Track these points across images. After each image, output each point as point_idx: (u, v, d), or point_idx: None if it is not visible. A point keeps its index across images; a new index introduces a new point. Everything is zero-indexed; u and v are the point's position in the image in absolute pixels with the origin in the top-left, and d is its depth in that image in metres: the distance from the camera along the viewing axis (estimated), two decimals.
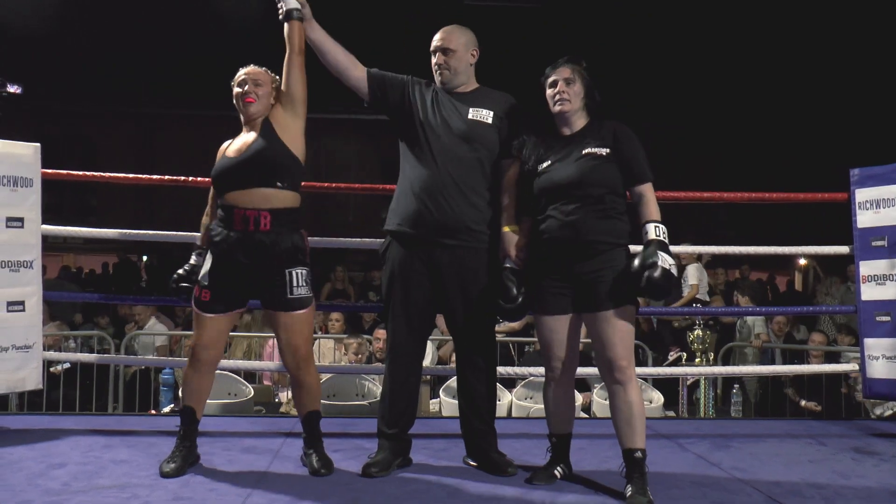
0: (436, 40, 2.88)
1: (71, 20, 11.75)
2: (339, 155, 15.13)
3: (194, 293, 2.73)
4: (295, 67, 2.73)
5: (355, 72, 2.85)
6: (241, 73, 2.77)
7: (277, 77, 2.78)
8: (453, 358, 5.75)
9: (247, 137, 2.73)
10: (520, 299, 2.65)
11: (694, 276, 7.21)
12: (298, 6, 2.74)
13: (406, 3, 10.81)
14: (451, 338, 5.05)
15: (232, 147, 2.75)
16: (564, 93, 2.63)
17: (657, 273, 2.44)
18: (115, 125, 16.07)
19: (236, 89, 2.75)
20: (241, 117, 2.77)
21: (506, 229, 2.76)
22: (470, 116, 2.81)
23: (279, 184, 2.67)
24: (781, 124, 14.91)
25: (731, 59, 13.12)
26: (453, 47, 2.85)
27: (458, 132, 2.79)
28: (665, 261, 2.47)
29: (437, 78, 2.88)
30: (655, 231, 2.55)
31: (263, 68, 2.80)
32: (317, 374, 2.86)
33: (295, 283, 2.69)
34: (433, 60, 2.88)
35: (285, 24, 2.75)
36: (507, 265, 2.72)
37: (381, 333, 5.15)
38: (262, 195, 2.65)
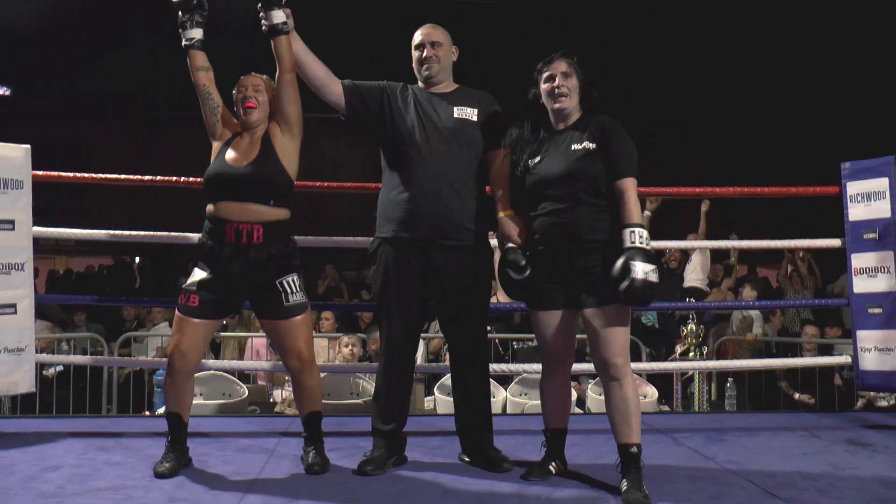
0: (420, 35, 2.88)
1: (65, 22, 11.70)
2: (332, 154, 15.14)
3: (180, 300, 2.69)
4: (287, 86, 2.69)
5: (334, 87, 2.82)
6: (243, 80, 2.76)
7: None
8: (445, 355, 5.78)
9: (247, 148, 2.70)
10: (528, 271, 2.62)
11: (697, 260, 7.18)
12: (284, 19, 2.65)
13: (395, 2, 10.81)
14: (440, 333, 5.07)
15: (230, 152, 2.71)
16: (563, 87, 2.62)
17: (635, 284, 2.39)
18: (108, 127, 16.01)
19: (236, 94, 2.74)
20: (240, 122, 2.76)
21: (502, 214, 2.75)
22: (456, 115, 2.81)
23: (272, 202, 2.67)
24: (782, 121, 14.95)
25: (732, 56, 13.16)
26: (441, 41, 2.86)
27: (446, 132, 2.78)
28: (642, 270, 2.39)
29: (422, 73, 2.87)
30: (631, 237, 2.46)
31: (264, 76, 2.78)
32: (319, 376, 2.85)
33: (290, 291, 2.69)
34: (419, 55, 2.87)
35: (272, 41, 2.67)
36: (510, 245, 2.68)
37: (377, 334, 5.14)
38: (255, 210, 2.65)
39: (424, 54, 2.85)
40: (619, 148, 2.57)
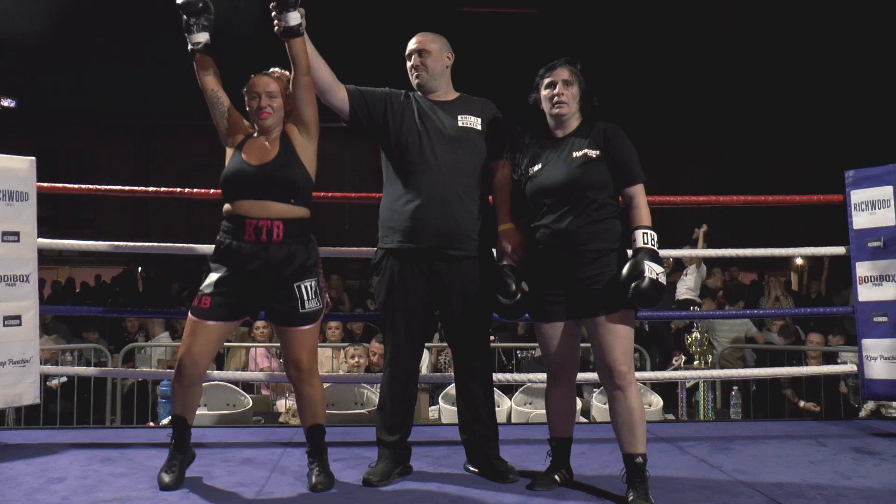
0: (410, 45, 2.89)
1: (66, 31, 11.75)
2: (335, 162, 15.16)
3: (193, 302, 2.66)
4: (304, 89, 2.65)
5: (339, 92, 2.81)
6: (255, 83, 2.70)
7: (286, 72, 2.72)
8: (446, 365, 5.77)
9: (266, 148, 2.67)
10: (518, 296, 2.64)
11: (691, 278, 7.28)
12: (300, 20, 2.61)
13: (399, 11, 10.84)
14: (445, 344, 5.07)
15: (249, 151, 2.67)
16: (563, 95, 2.62)
17: (644, 284, 2.41)
18: (110, 136, 16.08)
19: (250, 101, 2.69)
20: (255, 125, 2.72)
21: (502, 228, 2.76)
22: (460, 124, 2.81)
23: (293, 201, 2.65)
24: (783, 129, 14.96)
25: (734, 64, 13.17)
26: (428, 48, 2.85)
27: (450, 140, 2.78)
28: (652, 270, 2.43)
29: (413, 81, 2.88)
30: (643, 238, 2.51)
31: (275, 75, 2.74)
32: (321, 387, 2.78)
33: (306, 297, 2.65)
34: (409, 64, 2.88)
35: (287, 43, 2.62)
36: (505, 262, 2.72)
37: (376, 347, 5.16)
38: (276, 208, 2.61)
39: (411, 63, 2.86)
40: (627, 154, 2.59)
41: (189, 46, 2.72)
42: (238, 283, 2.62)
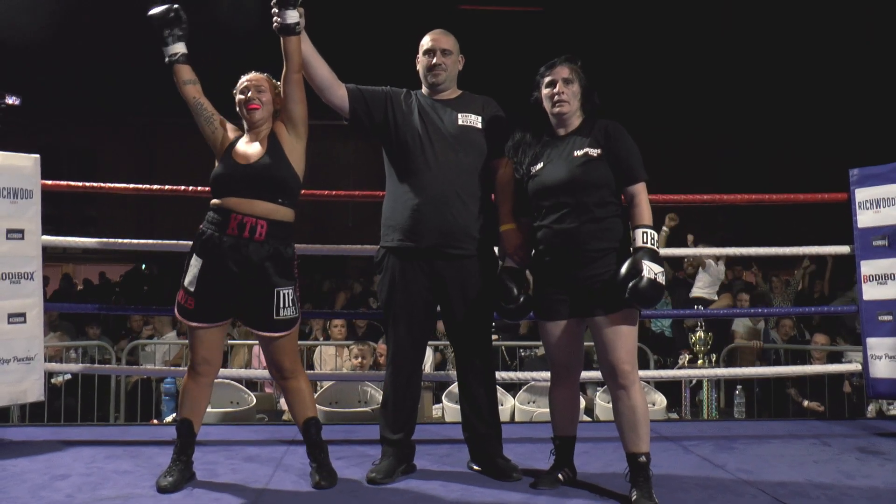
0: (430, 41, 2.86)
1: (68, 29, 11.77)
2: (338, 159, 15.17)
3: (178, 298, 2.67)
4: (293, 86, 2.67)
5: (338, 90, 2.81)
6: (244, 80, 2.74)
7: (278, 83, 2.75)
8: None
9: (254, 147, 2.68)
10: (521, 299, 2.65)
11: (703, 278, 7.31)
12: (298, 19, 2.62)
13: (399, 8, 10.84)
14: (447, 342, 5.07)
15: (238, 151, 2.69)
16: (563, 93, 2.62)
17: (642, 283, 2.41)
18: (113, 134, 16.09)
19: (239, 96, 2.72)
20: (245, 123, 2.74)
21: (504, 228, 2.76)
22: (460, 122, 2.80)
23: (280, 200, 2.66)
24: (783, 129, 14.93)
25: (737, 62, 13.15)
26: (451, 49, 2.86)
27: (451, 139, 2.78)
28: (651, 270, 2.42)
29: (429, 80, 2.86)
30: (643, 238, 2.49)
31: (265, 74, 2.76)
32: (306, 379, 2.80)
33: (282, 305, 2.64)
34: (428, 60, 2.85)
35: (282, 39, 2.64)
36: (507, 264, 2.72)
37: (383, 348, 5.15)
38: (262, 206, 2.63)
39: (434, 61, 2.84)
40: (629, 152, 2.58)
41: (166, 59, 2.74)
42: (217, 280, 2.61)
